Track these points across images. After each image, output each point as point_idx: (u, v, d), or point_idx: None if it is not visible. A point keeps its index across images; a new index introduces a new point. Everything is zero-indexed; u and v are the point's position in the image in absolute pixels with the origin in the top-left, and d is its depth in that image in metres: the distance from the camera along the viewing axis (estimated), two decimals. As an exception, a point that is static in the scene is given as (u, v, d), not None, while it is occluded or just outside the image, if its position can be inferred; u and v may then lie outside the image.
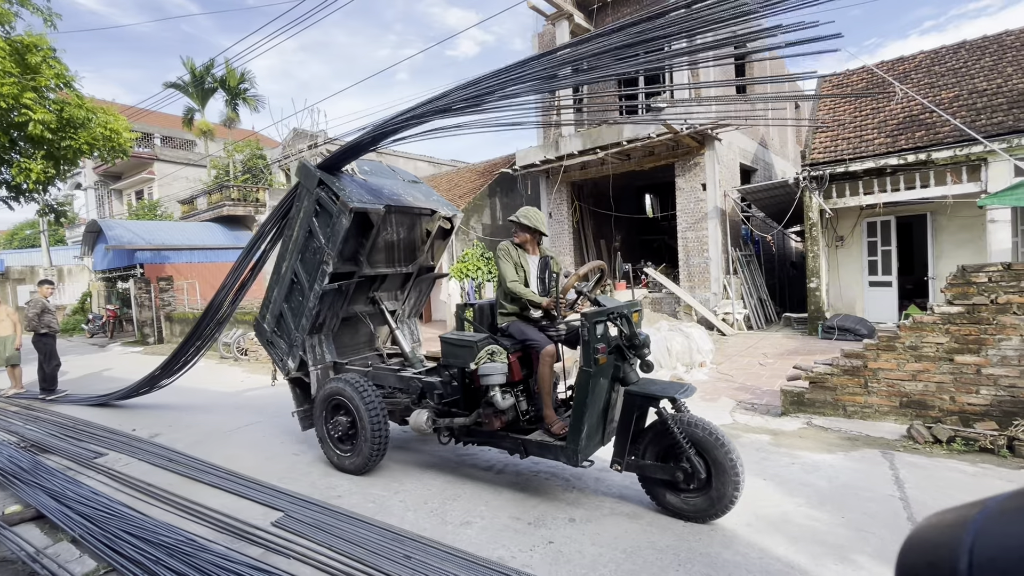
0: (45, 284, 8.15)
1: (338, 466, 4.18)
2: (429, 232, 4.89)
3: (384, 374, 4.35)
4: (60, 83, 9.85)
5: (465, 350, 3.53)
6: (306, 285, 4.30)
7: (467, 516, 3.36)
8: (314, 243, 4.22)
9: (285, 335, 4.61)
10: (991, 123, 8.31)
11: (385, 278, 4.82)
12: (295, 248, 4.37)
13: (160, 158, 25.86)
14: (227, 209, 18.86)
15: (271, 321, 4.71)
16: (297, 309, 4.44)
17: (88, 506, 3.53)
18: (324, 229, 4.14)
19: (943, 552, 0.46)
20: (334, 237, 4.05)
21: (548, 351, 3.44)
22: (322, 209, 4.15)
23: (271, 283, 4.64)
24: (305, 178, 4.28)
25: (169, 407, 7.00)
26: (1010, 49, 9.52)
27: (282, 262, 4.50)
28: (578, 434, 3.12)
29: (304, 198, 4.29)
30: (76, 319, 20.48)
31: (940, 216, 9.60)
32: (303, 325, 4.39)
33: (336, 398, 4.10)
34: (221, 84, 23.48)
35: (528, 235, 3.78)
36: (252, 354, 10.73)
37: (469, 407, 3.76)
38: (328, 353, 4.56)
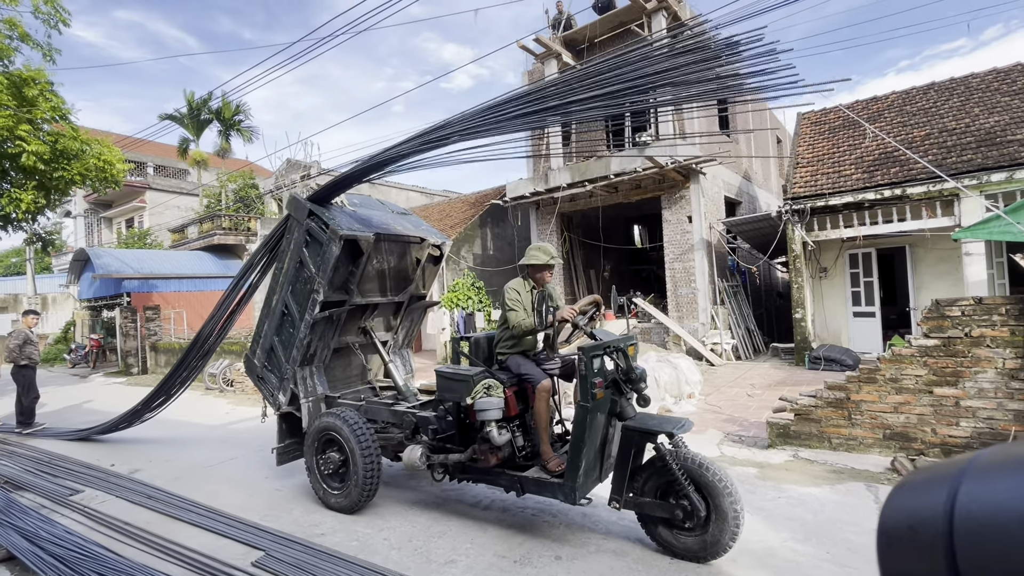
0: (30, 314, 8.04)
1: (325, 503, 4.08)
2: (419, 260, 4.92)
3: (377, 408, 4.29)
4: (56, 115, 9.97)
5: (461, 384, 3.47)
6: (297, 316, 4.29)
7: (452, 554, 3.31)
8: (305, 273, 4.24)
9: (276, 369, 4.55)
10: (961, 160, 8.67)
11: (376, 308, 4.79)
12: (285, 280, 4.38)
13: (152, 187, 25.93)
14: (218, 238, 18.86)
15: (262, 356, 4.66)
16: (288, 341, 4.41)
17: (61, 546, 3.43)
18: (314, 258, 4.16)
19: (923, 514, 0.46)
20: (324, 265, 4.07)
21: (544, 386, 3.40)
22: (312, 239, 4.19)
23: (261, 317, 4.61)
24: (295, 210, 4.33)
25: (151, 441, 6.85)
26: (976, 90, 10.01)
27: (272, 295, 4.49)
28: (576, 471, 3.06)
29: (294, 230, 4.33)
30: (58, 348, 20.08)
31: (919, 248, 9.87)
32: (294, 357, 4.34)
33: (328, 433, 4.01)
34: (216, 116, 23.85)
35: (543, 272, 3.76)
36: (238, 385, 10.57)
37: (464, 443, 3.68)
38: (320, 386, 4.50)
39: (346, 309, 4.37)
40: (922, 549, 0.45)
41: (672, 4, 11.08)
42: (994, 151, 8.47)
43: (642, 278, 16.74)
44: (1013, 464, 0.44)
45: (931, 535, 0.44)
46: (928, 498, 0.47)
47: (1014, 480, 0.42)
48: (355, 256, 4.26)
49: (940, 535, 0.43)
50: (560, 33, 12.86)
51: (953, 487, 0.45)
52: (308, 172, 18.20)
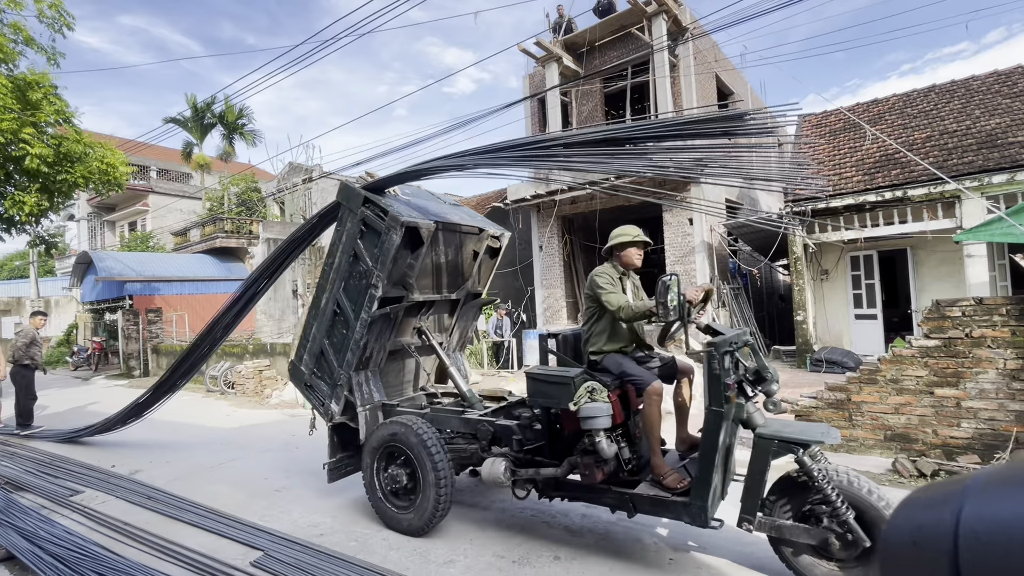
0: (38, 315, 8.09)
1: (387, 523, 3.67)
2: (476, 253, 4.51)
3: (445, 416, 3.85)
4: (60, 119, 10.03)
5: (559, 388, 2.99)
6: (351, 315, 3.91)
7: (451, 554, 3.30)
8: (360, 267, 3.88)
9: (327, 375, 4.13)
10: (962, 162, 8.66)
11: (431, 306, 4.41)
12: (337, 275, 3.99)
13: (155, 190, 26.06)
14: (220, 241, 18.93)
15: (309, 361, 4.22)
16: (341, 343, 4.02)
17: (61, 546, 3.43)
18: (371, 250, 3.80)
19: (927, 531, 0.46)
20: (383, 257, 3.70)
21: (655, 388, 3.00)
22: (368, 229, 3.84)
23: (308, 318, 4.23)
24: (348, 198, 3.96)
25: (151, 443, 6.85)
26: (977, 93, 10.02)
27: (321, 294, 4.10)
28: (707, 488, 2.66)
29: (347, 220, 3.97)
30: (60, 351, 20.15)
31: (920, 250, 9.85)
32: (348, 361, 3.93)
33: (392, 445, 3.61)
34: (220, 119, 23.98)
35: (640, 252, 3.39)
36: (239, 387, 10.59)
37: (556, 455, 3.25)
38: (376, 392, 4.08)
39: (404, 306, 3.98)
40: (926, 566, 0.45)
41: (672, 8, 11.12)
42: (995, 153, 8.47)
43: (643, 281, 16.72)
44: (1015, 485, 0.44)
45: (935, 553, 0.44)
46: (933, 516, 0.47)
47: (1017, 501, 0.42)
48: (414, 247, 3.90)
49: (944, 553, 0.43)
50: (561, 36, 12.91)
51: (957, 506, 0.45)
52: (310, 175, 18.27)
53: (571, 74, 13.11)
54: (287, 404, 9.34)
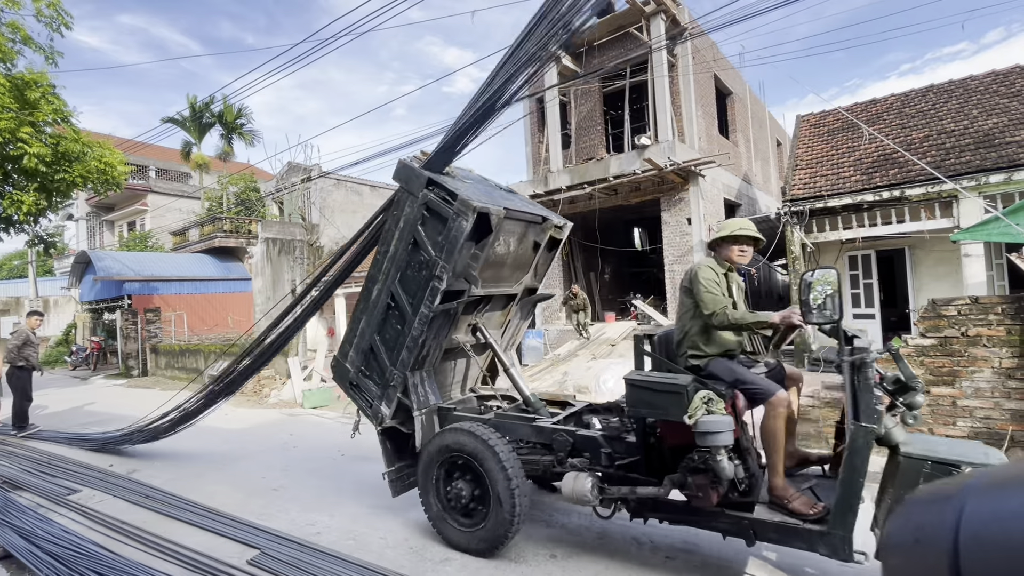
0: (34, 315, 7.99)
1: (449, 541, 3.35)
2: (537, 245, 4.14)
3: (513, 424, 3.48)
4: (58, 118, 10.03)
5: (670, 398, 2.64)
6: (408, 309, 3.58)
7: (447, 553, 3.31)
8: (420, 256, 3.54)
9: (376, 374, 3.81)
10: (959, 162, 8.68)
11: (489, 302, 4.05)
12: (392, 265, 3.67)
13: (154, 190, 26.04)
14: (219, 241, 18.92)
15: (356, 358, 3.88)
16: (394, 340, 3.69)
17: (58, 545, 3.43)
18: (434, 237, 3.47)
19: (929, 530, 0.46)
20: (450, 245, 3.36)
21: (781, 399, 2.66)
22: (431, 215, 3.50)
23: (356, 313, 3.89)
24: (408, 180, 3.61)
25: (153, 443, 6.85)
26: (975, 92, 10.03)
27: (372, 285, 3.78)
28: (851, 516, 2.36)
29: (405, 204, 3.62)
30: (59, 351, 20.13)
31: (918, 250, 9.87)
32: (403, 359, 3.60)
33: (456, 455, 3.27)
34: (218, 119, 23.96)
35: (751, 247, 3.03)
36: (238, 387, 10.57)
37: (653, 471, 2.91)
38: (432, 395, 3.72)
39: (466, 301, 3.62)
40: (928, 564, 0.45)
41: (670, 7, 11.13)
42: (992, 153, 8.48)
43: (642, 280, 16.75)
44: (1015, 485, 0.45)
45: (937, 551, 0.45)
46: (934, 516, 0.48)
47: (1017, 501, 0.42)
48: (480, 236, 3.55)
49: (946, 552, 0.44)
50: (559, 36, 12.90)
51: (958, 506, 0.45)
52: (309, 175, 18.27)
53: (570, 74, 13.12)
54: (285, 404, 9.35)
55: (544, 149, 13.72)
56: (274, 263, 18.75)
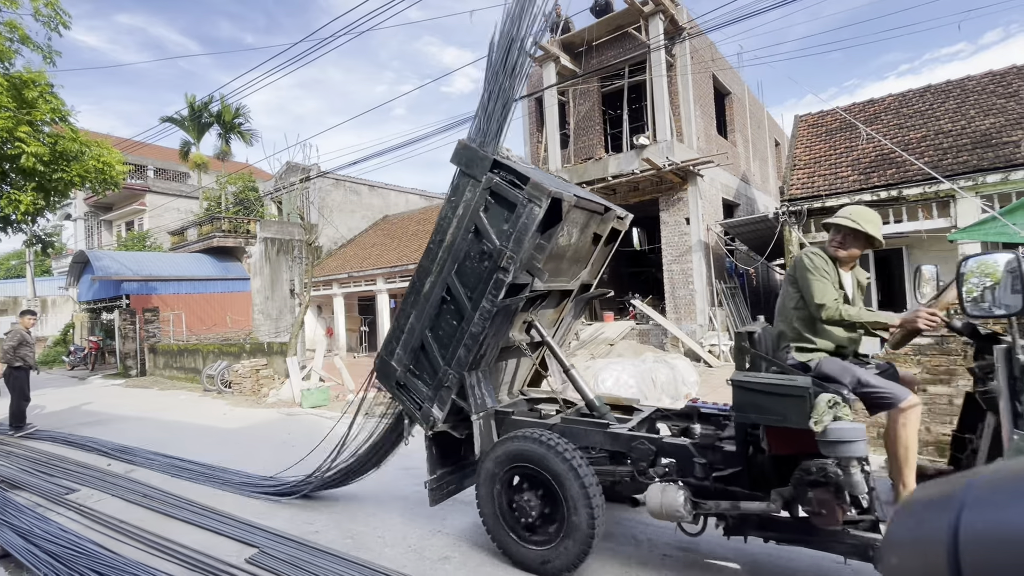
0: (27, 315, 7.98)
1: (518, 562, 3.05)
2: (598, 237, 3.89)
3: (583, 431, 3.16)
4: (56, 117, 10.01)
5: (788, 402, 2.34)
6: (466, 303, 3.30)
7: (446, 551, 3.32)
8: (482, 246, 3.26)
9: (427, 374, 3.53)
10: (957, 162, 8.71)
11: (544, 298, 3.83)
12: (449, 256, 3.39)
13: (152, 189, 26.02)
14: (217, 240, 18.91)
15: (405, 357, 3.59)
16: (449, 337, 3.41)
17: (56, 544, 3.43)
18: (499, 225, 3.20)
19: (929, 532, 0.46)
20: (518, 234, 3.09)
21: (912, 405, 2.39)
22: (496, 200, 3.24)
23: (403, 306, 3.63)
24: (469, 163, 3.33)
25: (147, 442, 6.85)
26: (972, 93, 10.07)
27: (424, 277, 3.51)
28: None
29: (465, 189, 3.34)
30: (57, 351, 20.11)
31: (916, 250, 9.90)
32: (460, 358, 3.31)
33: (523, 466, 2.98)
34: (216, 119, 23.94)
35: (858, 248, 2.69)
36: (236, 387, 10.59)
37: (757, 485, 2.62)
38: (488, 397, 3.41)
39: (526, 296, 3.36)
40: (928, 565, 0.45)
41: (669, 7, 11.14)
42: (989, 153, 8.51)
43: (640, 280, 16.76)
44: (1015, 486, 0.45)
45: (937, 552, 0.45)
46: (934, 517, 0.48)
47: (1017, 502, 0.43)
48: (546, 225, 3.30)
49: (946, 554, 0.44)
50: (558, 36, 12.93)
51: (957, 507, 0.46)
52: (308, 175, 18.25)
53: (568, 73, 13.13)
54: (284, 403, 9.35)
55: (543, 149, 13.73)
56: (273, 263, 18.74)
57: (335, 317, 17.78)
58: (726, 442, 2.79)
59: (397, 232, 18.90)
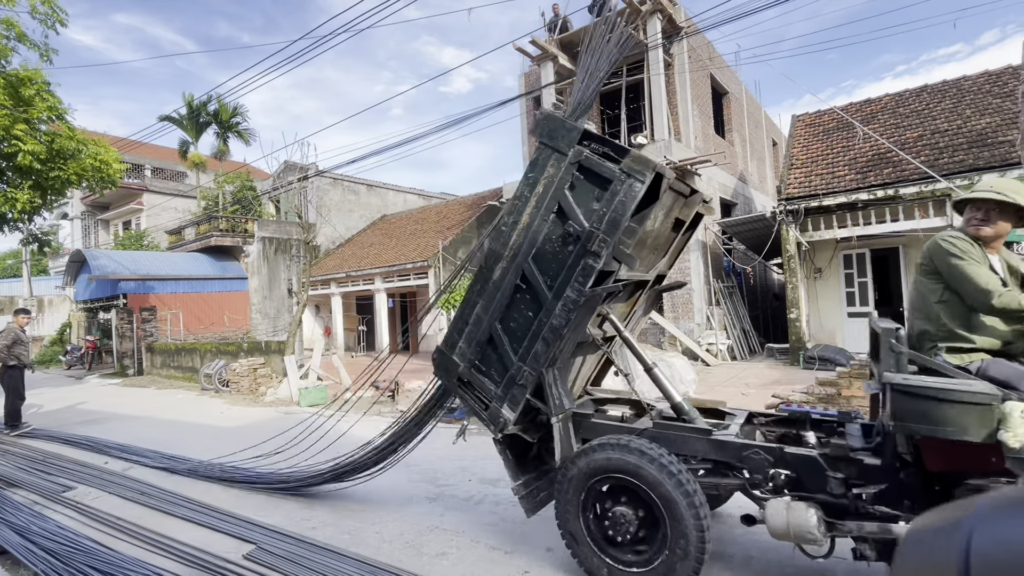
0: (21, 313, 7.91)
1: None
2: (681, 222, 3.51)
3: (681, 437, 2.82)
4: (52, 115, 9.98)
5: (969, 411, 2.02)
6: (545, 292, 2.98)
7: (443, 547, 3.32)
8: (567, 228, 2.94)
9: (496, 370, 3.21)
10: (952, 161, 8.74)
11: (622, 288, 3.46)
12: (525, 239, 3.07)
13: (149, 189, 25.95)
14: (215, 240, 18.87)
15: (468, 351, 3.28)
16: (524, 330, 3.08)
17: (53, 541, 3.43)
18: (588, 204, 2.90)
19: (939, 554, 0.46)
20: (613, 214, 2.77)
21: None
22: (585, 176, 2.93)
23: (469, 296, 3.31)
24: (553, 135, 3.02)
25: (144, 441, 6.84)
26: (968, 92, 10.11)
27: (495, 263, 3.20)
28: None
29: (547, 165, 3.03)
30: (53, 350, 20.04)
31: (912, 249, 9.93)
32: (537, 353, 2.98)
33: (616, 476, 2.68)
34: (214, 118, 23.88)
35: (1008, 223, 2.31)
36: (234, 385, 10.57)
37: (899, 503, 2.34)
38: (566, 398, 3.07)
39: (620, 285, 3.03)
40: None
41: (667, 7, 11.16)
42: (985, 152, 8.55)
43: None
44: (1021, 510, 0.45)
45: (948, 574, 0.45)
46: (944, 539, 0.48)
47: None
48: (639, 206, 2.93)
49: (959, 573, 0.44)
50: (556, 35, 12.94)
51: (968, 529, 0.46)
52: (306, 174, 18.23)
53: (567, 73, 13.14)
54: (282, 402, 9.34)
55: (541, 148, 13.74)
56: (270, 262, 18.70)
57: (333, 316, 17.76)
58: (863, 454, 2.43)
59: (395, 231, 18.89)
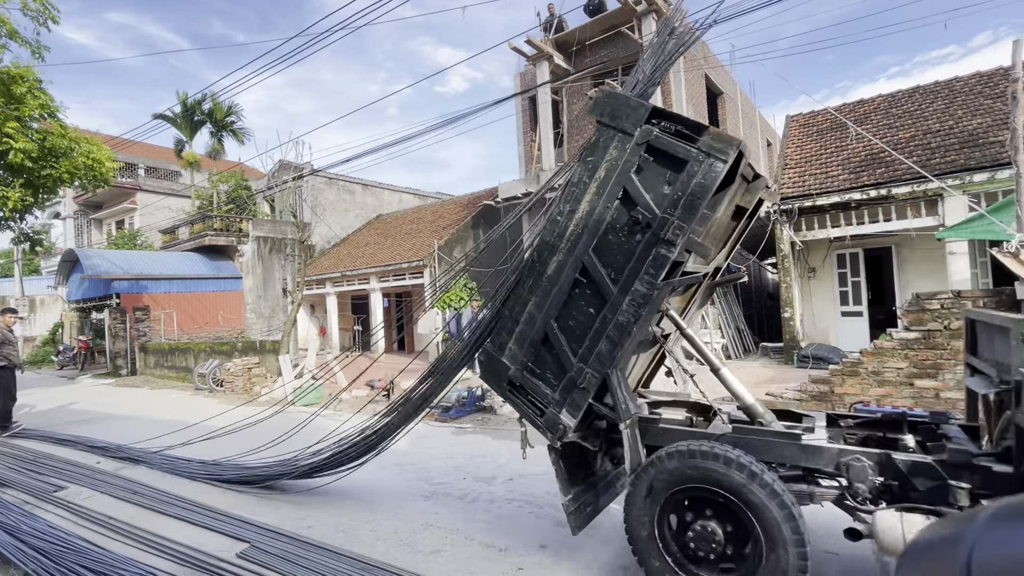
0: (8, 313, 7.79)
1: None
2: (743, 210, 3.23)
3: (766, 442, 2.56)
4: (44, 113, 9.90)
5: None
6: (609, 286, 2.74)
7: (438, 545, 3.32)
8: (634, 216, 2.70)
9: (551, 372, 2.96)
10: (944, 161, 8.81)
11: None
12: (585, 229, 2.83)
13: (143, 188, 25.78)
14: (209, 239, 18.76)
15: (519, 351, 3.03)
16: (583, 328, 2.85)
17: (44, 540, 3.40)
18: (658, 189, 2.67)
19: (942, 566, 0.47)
20: (691, 199, 2.53)
21: None
22: (655, 158, 2.69)
23: (519, 292, 3.08)
24: (615, 113, 2.77)
25: (139, 441, 6.79)
26: (960, 93, 10.19)
27: (549, 256, 2.95)
28: None
29: (610, 146, 2.78)
30: (46, 351, 19.88)
31: (904, 248, 10.01)
32: (601, 353, 2.74)
33: (700, 487, 2.45)
34: (209, 117, 23.76)
35: None
36: (228, 385, 10.52)
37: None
38: (631, 401, 2.80)
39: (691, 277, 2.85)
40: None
41: (662, 7, 11.20)
42: (976, 152, 8.62)
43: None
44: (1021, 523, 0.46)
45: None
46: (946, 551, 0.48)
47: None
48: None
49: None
50: (552, 35, 12.95)
51: (969, 542, 0.46)
52: (300, 173, 18.17)
53: (562, 72, 13.16)
54: (276, 402, 9.29)
55: (536, 148, 13.75)
56: (265, 261, 18.64)
57: (328, 316, 17.71)
58: (988, 459, 2.19)
59: (391, 231, 18.85)
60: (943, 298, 4.17)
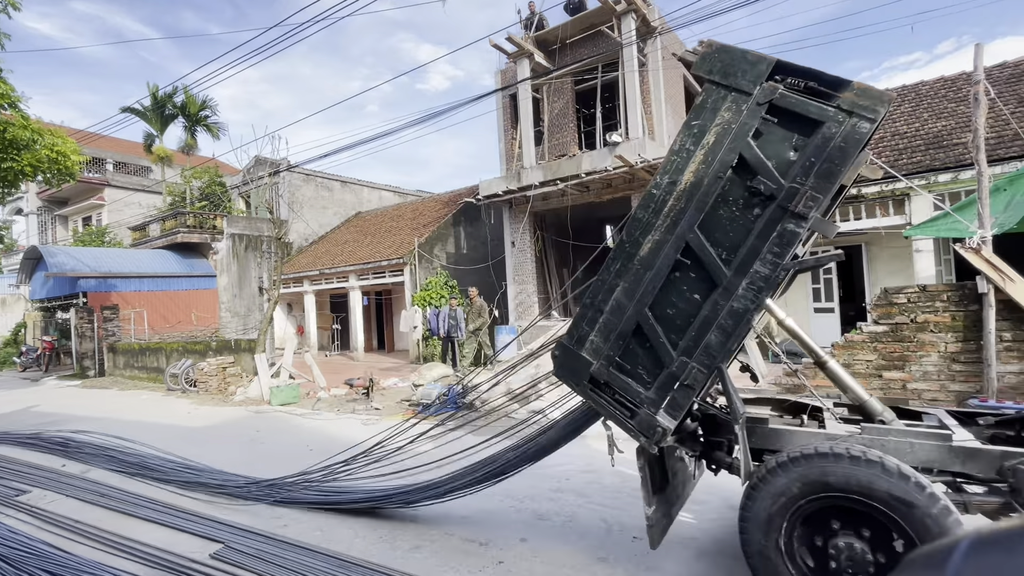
0: None
1: None
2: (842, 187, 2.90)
3: (908, 443, 2.32)
4: (4, 103, 9.49)
5: None
6: (721, 268, 2.41)
7: (417, 541, 3.30)
8: (752, 186, 2.36)
9: (644, 368, 2.61)
10: (911, 162, 9.11)
11: None
12: (689, 203, 2.49)
13: (112, 183, 24.95)
14: (181, 236, 18.25)
15: (605, 345, 2.68)
16: (686, 316, 2.52)
17: (4, 545, 3.27)
18: (783, 155, 2.33)
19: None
20: (828, 165, 2.21)
21: None
22: (780, 119, 2.36)
23: (604, 278, 2.71)
24: (728, 71, 2.44)
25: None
26: (925, 97, 10.55)
27: (642, 236, 2.59)
28: None
29: (722, 108, 2.45)
30: (7, 352, 19.11)
31: (874, 246, 10.32)
32: (711, 345, 2.42)
33: (839, 495, 2.18)
34: (181, 111, 23.11)
35: None
36: (201, 385, 10.26)
37: None
38: (738, 399, 2.52)
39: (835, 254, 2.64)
40: None
41: (640, 6, 11.31)
42: (941, 153, 8.94)
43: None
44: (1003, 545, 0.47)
45: None
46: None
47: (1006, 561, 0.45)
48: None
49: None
50: (532, 33, 12.96)
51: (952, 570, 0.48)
52: (277, 168, 17.82)
53: (542, 71, 13.18)
54: (252, 401, 9.11)
55: (517, 145, 13.75)
56: (240, 259, 18.24)
57: (306, 315, 17.42)
58: None
59: (370, 229, 18.64)
60: (910, 292, 4.32)
